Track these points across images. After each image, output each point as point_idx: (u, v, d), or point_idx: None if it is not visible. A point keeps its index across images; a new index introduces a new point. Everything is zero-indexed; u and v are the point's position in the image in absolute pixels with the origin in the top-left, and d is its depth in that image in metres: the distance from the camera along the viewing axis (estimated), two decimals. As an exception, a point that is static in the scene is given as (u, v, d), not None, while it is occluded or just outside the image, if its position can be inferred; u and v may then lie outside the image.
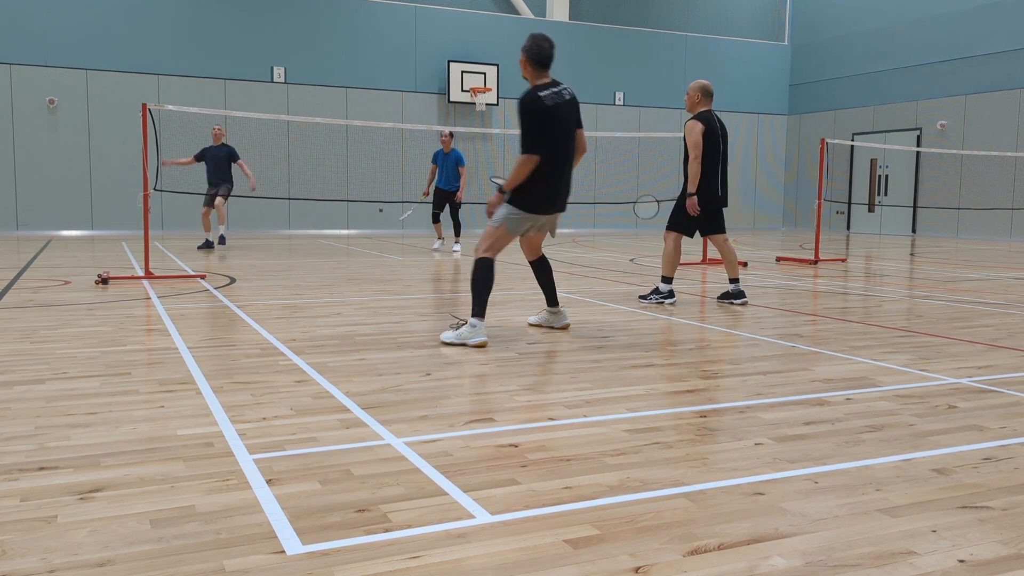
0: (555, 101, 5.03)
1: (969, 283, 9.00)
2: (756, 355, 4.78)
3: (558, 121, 5.04)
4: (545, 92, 5.05)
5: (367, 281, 8.76)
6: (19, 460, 2.78)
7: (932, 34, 20.24)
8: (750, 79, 23.75)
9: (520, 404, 3.60)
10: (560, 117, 5.05)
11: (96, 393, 3.73)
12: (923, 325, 5.99)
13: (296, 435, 3.09)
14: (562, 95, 5.09)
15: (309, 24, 18.85)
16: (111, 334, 5.30)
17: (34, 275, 8.95)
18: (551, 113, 5.00)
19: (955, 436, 3.16)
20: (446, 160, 13.29)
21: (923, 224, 20.75)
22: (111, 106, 17.33)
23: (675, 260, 6.91)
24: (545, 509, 2.38)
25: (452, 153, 13.25)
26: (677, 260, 6.93)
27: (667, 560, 2.06)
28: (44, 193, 17.09)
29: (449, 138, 13.25)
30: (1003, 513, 2.39)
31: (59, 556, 2.05)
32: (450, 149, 13.25)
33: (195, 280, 8.51)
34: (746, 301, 6.89)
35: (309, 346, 4.93)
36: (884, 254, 13.99)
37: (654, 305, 6.83)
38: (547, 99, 5.01)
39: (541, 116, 4.99)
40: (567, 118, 5.11)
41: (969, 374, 4.30)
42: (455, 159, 13.24)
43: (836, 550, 2.13)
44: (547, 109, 4.98)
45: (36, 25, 16.79)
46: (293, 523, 2.26)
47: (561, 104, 5.06)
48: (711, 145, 6.74)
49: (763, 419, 3.38)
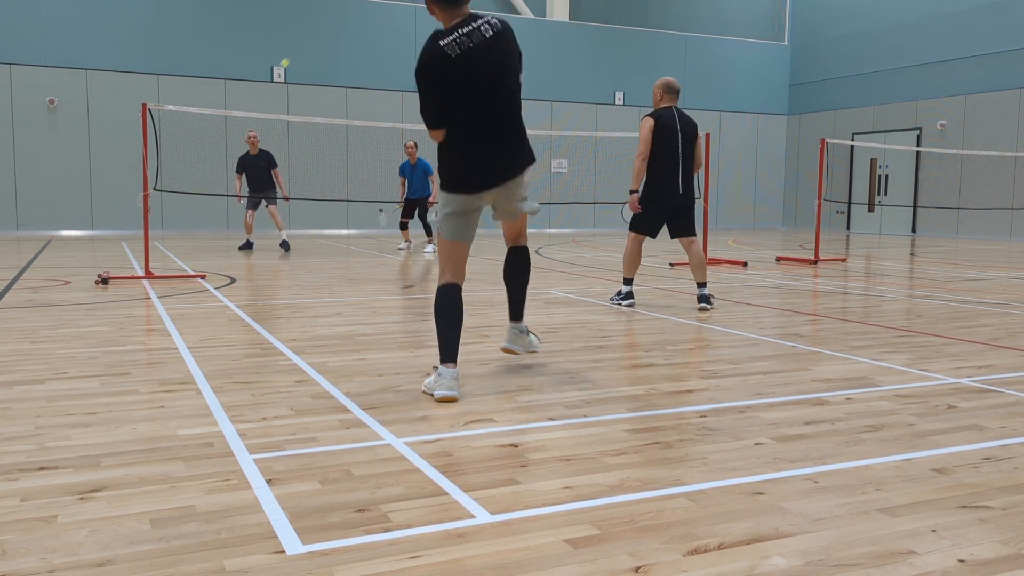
0: (464, 46, 3.72)
1: (969, 283, 9.00)
2: (756, 355, 4.78)
3: (468, 72, 3.72)
4: (448, 39, 3.73)
5: (367, 281, 8.76)
6: (19, 460, 2.78)
7: (932, 34, 20.24)
8: (750, 79, 23.75)
9: (520, 404, 3.60)
10: (472, 65, 3.72)
11: (96, 393, 3.73)
12: (923, 325, 5.98)
13: (296, 435, 3.09)
14: (477, 34, 3.74)
15: (309, 24, 18.85)
16: (111, 334, 5.30)
17: (34, 275, 8.94)
18: (455, 66, 3.70)
19: (955, 436, 3.16)
20: (414, 171, 13.48)
21: (923, 224, 20.75)
22: (111, 106, 17.33)
23: (634, 261, 6.73)
24: (545, 509, 2.38)
25: (419, 163, 13.46)
26: (637, 261, 6.75)
27: (667, 560, 2.06)
28: (44, 193, 17.10)
29: (414, 148, 13.38)
30: (1003, 513, 2.39)
31: (59, 556, 2.05)
32: (416, 160, 13.43)
33: (195, 280, 8.51)
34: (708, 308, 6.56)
35: (309, 346, 4.93)
36: (884, 254, 13.99)
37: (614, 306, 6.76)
38: (448, 47, 3.71)
39: (434, 74, 3.75)
40: (487, 62, 3.76)
41: (969, 374, 4.30)
42: (423, 169, 13.46)
43: (836, 550, 2.13)
44: (449, 62, 3.70)
45: (36, 25, 16.80)
46: (293, 523, 2.26)
47: (472, 48, 3.72)
48: (665, 143, 6.46)
49: (763, 419, 3.38)
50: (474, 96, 3.78)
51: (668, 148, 6.50)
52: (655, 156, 6.50)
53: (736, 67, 23.52)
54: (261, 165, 12.66)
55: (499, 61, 3.80)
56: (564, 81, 21.16)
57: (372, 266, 10.61)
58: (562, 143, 21.24)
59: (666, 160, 6.51)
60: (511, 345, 4.31)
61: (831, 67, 23.02)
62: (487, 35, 3.77)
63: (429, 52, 3.75)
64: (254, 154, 12.66)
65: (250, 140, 12.67)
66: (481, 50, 3.74)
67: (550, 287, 8.27)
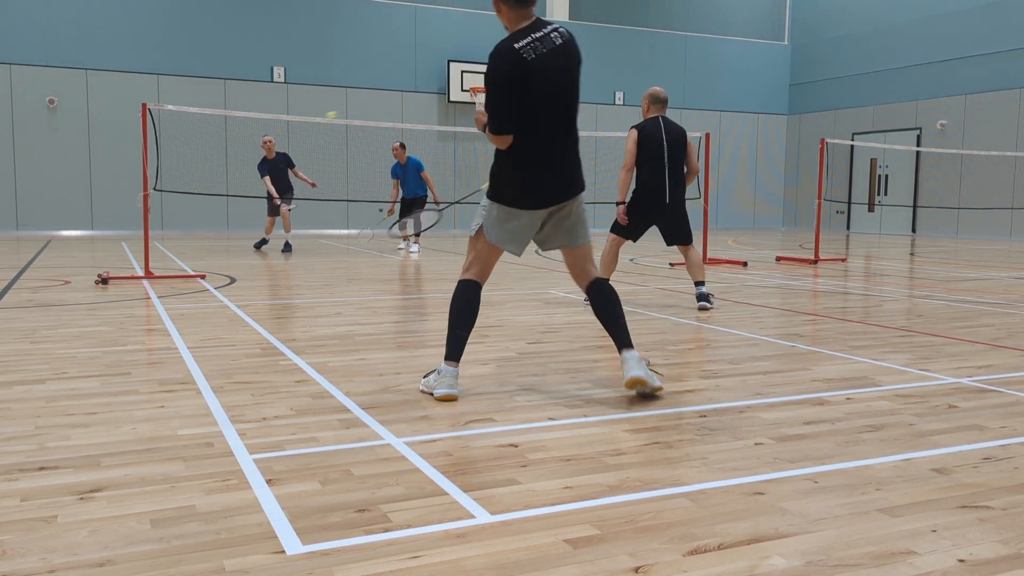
0: (538, 51, 3.62)
1: (969, 283, 9.00)
2: (756, 355, 4.78)
3: (542, 79, 3.61)
4: (523, 41, 3.62)
5: (367, 281, 8.76)
6: (19, 460, 2.78)
7: (932, 34, 20.24)
8: (750, 79, 23.76)
9: (520, 404, 3.60)
10: (545, 73, 3.62)
11: (96, 393, 3.73)
12: (923, 325, 5.98)
13: (296, 435, 3.09)
14: (548, 40, 3.66)
15: (309, 24, 18.86)
16: (111, 334, 5.30)
17: (34, 275, 8.95)
18: (529, 70, 3.59)
19: (955, 436, 3.16)
20: (406, 171, 13.28)
21: (923, 224, 20.75)
22: (111, 106, 17.34)
23: (610, 264, 6.78)
24: (545, 509, 2.38)
25: (410, 161, 13.26)
26: (613, 264, 6.80)
27: (667, 560, 2.06)
28: (44, 193, 17.10)
29: (401, 149, 13.25)
30: (1003, 513, 2.39)
31: (59, 556, 2.05)
32: (406, 159, 13.25)
33: (195, 280, 8.51)
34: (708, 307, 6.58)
35: (309, 346, 4.93)
36: (884, 254, 13.99)
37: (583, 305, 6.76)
38: (524, 50, 3.59)
39: (507, 74, 3.59)
40: (557, 71, 3.66)
41: (969, 374, 4.30)
42: (415, 166, 13.24)
43: (836, 550, 2.13)
44: (524, 65, 3.58)
45: (36, 25, 16.80)
46: (293, 523, 2.26)
47: (546, 55, 3.63)
48: (650, 152, 6.53)
49: (763, 419, 3.38)
50: (542, 105, 3.64)
51: (653, 157, 6.55)
52: (640, 165, 6.58)
53: (736, 67, 23.52)
54: (281, 167, 12.87)
55: (567, 70, 3.71)
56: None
57: (372, 266, 10.62)
58: (562, 143, 21.21)
59: (651, 168, 6.56)
60: (637, 374, 3.63)
61: (831, 67, 23.02)
62: (556, 43, 3.68)
63: (504, 54, 3.60)
64: (271, 158, 12.82)
65: (266, 145, 12.80)
66: (551, 58, 3.64)
67: (550, 287, 8.27)
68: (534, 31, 3.65)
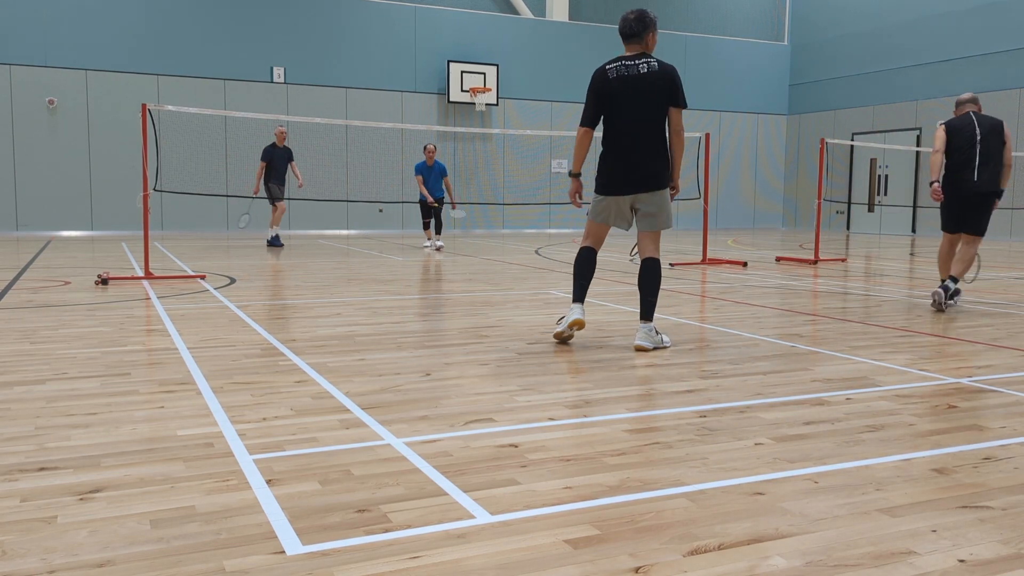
0: (620, 73, 4.90)
1: (969, 283, 8.99)
2: (756, 355, 4.78)
3: (616, 94, 4.87)
4: (613, 64, 4.96)
5: (367, 281, 8.76)
6: (19, 460, 2.78)
7: (932, 34, 20.24)
8: (750, 79, 23.75)
9: (520, 404, 3.60)
10: (620, 90, 4.87)
11: (96, 393, 3.73)
12: (923, 325, 5.99)
13: (296, 435, 3.09)
14: (635, 67, 4.89)
15: (309, 24, 18.85)
16: (111, 334, 5.30)
17: (34, 275, 8.95)
18: (609, 85, 4.89)
19: (955, 436, 3.16)
20: (430, 172, 13.89)
21: (923, 224, 20.74)
22: (111, 106, 17.33)
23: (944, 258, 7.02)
24: (545, 509, 2.38)
25: (436, 165, 13.90)
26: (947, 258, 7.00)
27: (667, 560, 2.06)
28: (44, 193, 17.10)
29: (434, 150, 13.91)
30: (1003, 513, 2.39)
31: (59, 556, 2.05)
32: (433, 161, 13.88)
33: (195, 280, 8.51)
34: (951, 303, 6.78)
35: (309, 346, 4.93)
36: (884, 254, 13.99)
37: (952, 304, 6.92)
38: (610, 70, 4.93)
39: (594, 87, 4.96)
40: (632, 92, 4.86)
41: (969, 374, 4.30)
42: (439, 171, 13.93)
43: (836, 550, 2.13)
44: (605, 81, 4.90)
45: (36, 25, 16.80)
46: (293, 523, 2.26)
47: (628, 78, 4.88)
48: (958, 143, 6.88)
49: (763, 419, 3.38)
50: (615, 114, 4.93)
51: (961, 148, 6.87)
52: (949, 155, 6.92)
53: (736, 67, 23.52)
54: (284, 158, 13.71)
55: (644, 92, 4.88)
56: (564, 81, 21.15)
57: (372, 266, 10.61)
58: (562, 143, 21.24)
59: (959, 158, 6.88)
60: (642, 342, 4.88)
61: (831, 67, 23.02)
62: (641, 71, 4.89)
63: (597, 70, 4.98)
64: (280, 147, 13.64)
65: (279, 133, 13.70)
66: (631, 80, 4.88)
67: (550, 287, 8.27)
68: (628, 60, 4.98)
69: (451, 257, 12.30)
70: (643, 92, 4.86)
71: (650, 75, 4.87)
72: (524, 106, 21.03)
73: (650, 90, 4.87)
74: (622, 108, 4.89)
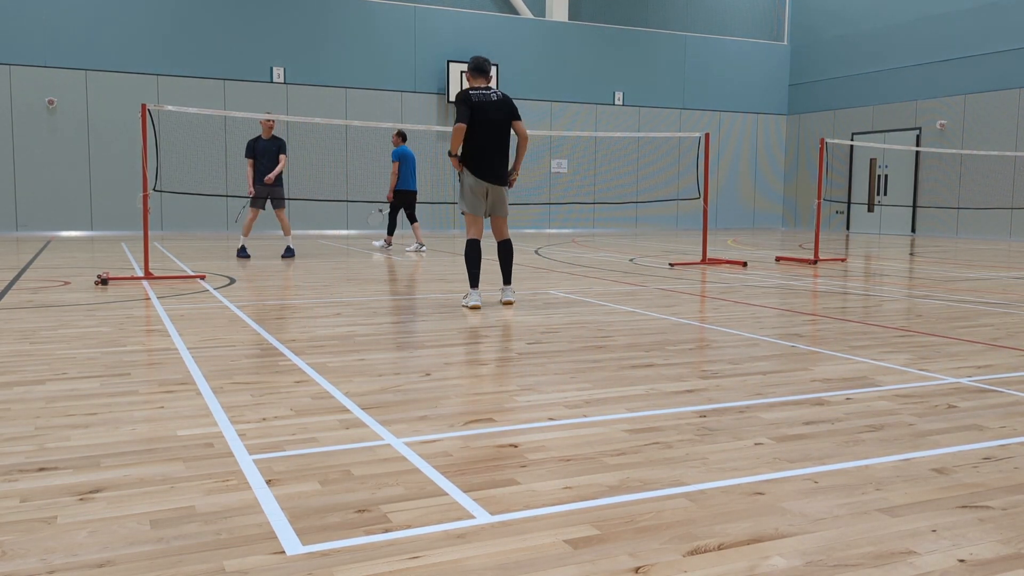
0: (479, 99, 6.56)
1: (969, 283, 9.00)
2: (756, 355, 4.78)
3: (480, 111, 6.52)
4: (476, 91, 6.62)
5: (367, 281, 8.76)
6: (19, 461, 2.78)
7: (932, 34, 20.24)
8: (750, 79, 23.75)
9: (520, 404, 3.60)
10: (483, 109, 6.53)
11: (96, 394, 3.73)
12: (923, 325, 5.99)
13: (296, 435, 3.09)
14: (490, 96, 6.61)
15: (309, 24, 18.85)
16: (111, 335, 5.30)
17: (34, 276, 8.94)
18: (472, 104, 6.52)
19: (955, 436, 3.16)
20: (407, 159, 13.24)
21: (923, 224, 20.75)
22: (111, 106, 17.33)
23: None
24: (545, 509, 2.38)
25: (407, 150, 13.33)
26: None
27: (667, 560, 2.06)
28: (44, 194, 17.10)
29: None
30: (1003, 513, 2.39)
31: (59, 557, 2.05)
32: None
33: (195, 280, 8.51)
34: None
35: (309, 346, 4.93)
36: (884, 254, 13.99)
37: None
38: (474, 95, 6.57)
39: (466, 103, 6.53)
40: (492, 111, 6.56)
41: (969, 374, 4.30)
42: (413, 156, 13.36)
43: (836, 550, 2.13)
44: (471, 102, 6.53)
45: (36, 25, 16.79)
46: (293, 523, 2.26)
47: (486, 102, 6.57)
48: None
49: (763, 419, 3.38)
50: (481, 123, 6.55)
51: None
52: None
53: (736, 67, 23.51)
54: (272, 151, 11.86)
55: (500, 112, 6.64)
56: (564, 81, 21.16)
57: (372, 267, 10.61)
58: (562, 143, 21.24)
59: None
60: (508, 297, 6.86)
61: (830, 67, 23.02)
62: (493, 98, 6.63)
63: (463, 91, 6.60)
64: (266, 139, 11.83)
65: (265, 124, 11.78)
66: (488, 104, 6.59)
67: (550, 287, 8.27)
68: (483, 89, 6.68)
69: (451, 257, 12.30)
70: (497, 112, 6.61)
71: (502, 100, 6.65)
72: (524, 106, 21.01)
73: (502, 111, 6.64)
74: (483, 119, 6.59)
